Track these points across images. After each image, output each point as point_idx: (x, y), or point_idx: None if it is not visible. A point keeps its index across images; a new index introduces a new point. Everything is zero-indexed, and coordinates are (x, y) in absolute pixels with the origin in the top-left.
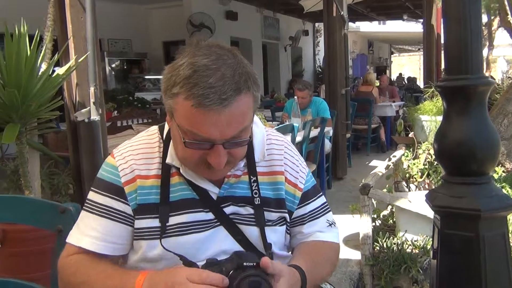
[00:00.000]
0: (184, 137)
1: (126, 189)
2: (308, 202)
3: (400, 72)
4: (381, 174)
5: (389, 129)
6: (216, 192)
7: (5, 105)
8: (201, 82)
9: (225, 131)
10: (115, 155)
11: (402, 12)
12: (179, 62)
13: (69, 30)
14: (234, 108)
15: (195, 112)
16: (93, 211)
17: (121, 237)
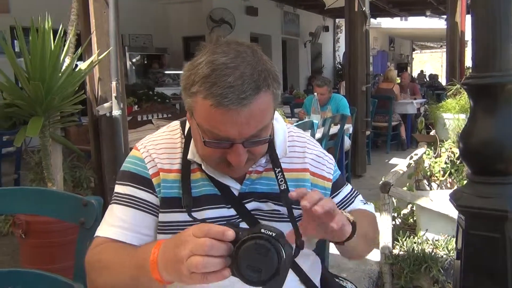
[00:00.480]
0: (204, 136)
1: (154, 181)
2: (339, 191)
3: (421, 69)
4: (402, 172)
5: (410, 127)
6: (238, 188)
7: (29, 98)
8: (220, 81)
9: (244, 130)
10: (139, 148)
11: (424, 8)
12: (198, 60)
13: (92, 24)
14: (254, 107)
15: (214, 111)
16: (120, 202)
17: (148, 227)
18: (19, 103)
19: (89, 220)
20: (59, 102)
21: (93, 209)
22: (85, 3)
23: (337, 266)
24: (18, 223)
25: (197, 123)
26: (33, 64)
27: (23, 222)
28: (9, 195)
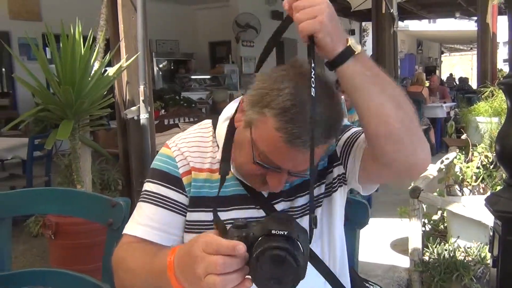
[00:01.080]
0: (255, 155)
1: (184, 180)
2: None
3: (450, 72)
4: (432, 177)
5: (439, 131)
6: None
7: (60, 102)
8: (298, 120)
9: (299, 167)
10: (171, 146)
11: (454, 9)
12: (280, 84)
13: (121, 30)
14: (317, 153)
15: (281, 145)
16: (149, 201)
17: (176, 227)
18: (51, 107)
19: (117, 221)
20: (88, 105)
21: (121, 210)
22: (114, 9)
23: (365, 273)
24: (48, 224)
25: (254, 139)
26: (64, 69)
27: (52, 224)
28: (39, 196)
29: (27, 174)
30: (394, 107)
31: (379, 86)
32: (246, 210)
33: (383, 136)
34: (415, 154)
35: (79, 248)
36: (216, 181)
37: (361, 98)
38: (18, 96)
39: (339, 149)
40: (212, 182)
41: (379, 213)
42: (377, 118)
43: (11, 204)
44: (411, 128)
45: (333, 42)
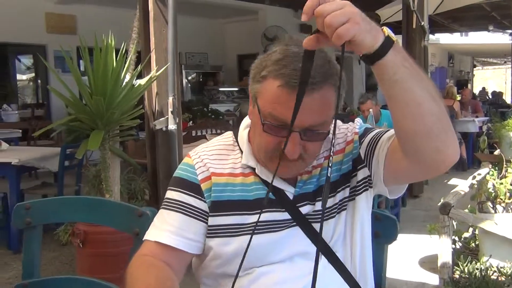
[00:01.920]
0: (264, 119)
1: (202, 186)
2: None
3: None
4: (463, 193)
5: (471, 146)
6: (292, 191)
7: (91, 113)
8: (291, 64)
9: (304, 117)
10: (192, 155)
11: (487, 22)
12: (270, 51)
13: (152, 42)
14: (318, 95)
15: (280, 92)
16: (170, 208)
17: (196, 233)
18: (82, 117)
19: (143, 231)
20: (119, 116)
21: (147, 220)
22: (146, 23)
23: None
24: (77, 233)
25: (260, 107)
26: (96, 80)
27: (81, 232)
28: (69, 204)
29: (58, 183)
30: (432, 101)
31: (417, 78)
32: (271, 213)
33: (422, 132)
34: (448, 149)
35: (106, 256)
36: (238, 185)
37: (400, 92)
38: (52, 107)
39: (363, 151)
40: (234, 185)
41: (407, 229)
42: (416, 113)
43: (42, 212)
44: (446, 123)
45: (372, 38)
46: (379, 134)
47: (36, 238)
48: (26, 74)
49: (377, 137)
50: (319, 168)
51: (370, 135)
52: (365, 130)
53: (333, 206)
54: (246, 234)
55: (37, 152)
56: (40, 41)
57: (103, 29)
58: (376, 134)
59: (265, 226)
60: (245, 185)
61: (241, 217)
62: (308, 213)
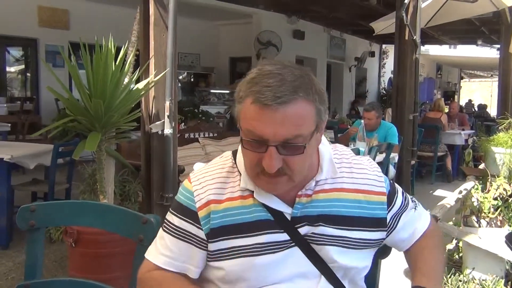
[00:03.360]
0: (243, 136)
1: (199, 213)
2: (394, 202)
3: (469, 98)
4: (449, 206)
5: (457, 158)
6: (290, 212)
7: (90, 115)
8: (261, 81)
9: (278, 130)
10: (192, 179)
11: (476, 36)
12: (247, 74)
13: (151, 47)
14: (290, 109)
15: (253, 108)
16: (169, 232)
17: (194, 259)
18: (80, 118)
19: (147, 238)
20: (117, 119)
21: (151, 227)
22: (146, 27)
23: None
24: (70, 232)
25: (241, 127)
26: (95, 82)
27: (74, 232)
28: (74, 208)
29: (50, 181)
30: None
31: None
32: (272, 235)
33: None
34: None
35: (98, 257)
36: (236, 208)
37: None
38: (41, 101)
39: (389, 217)
40: (233, 209)
41: None
42: None
43: (47, 215)
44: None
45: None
46: (402, 209)
47: (39, 240)
48: (14, 66)
49: (401, 212)
50: (322, 193)
51: (397, 203)
52: (390, 193)
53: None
54: (247, 256)
55: (30, 149)
56: (32, 34)
57: (95, 25)
58: (400, 208)
59: (265, 247)
60: (244, 207)
61: (242, 240)
62: (306, 234)
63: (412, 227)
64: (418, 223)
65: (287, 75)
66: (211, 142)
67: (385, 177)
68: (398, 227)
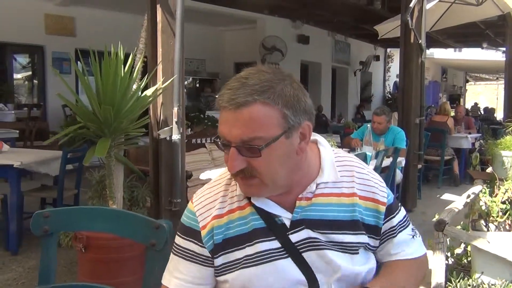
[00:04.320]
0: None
1: (202, 232)
2: (393, 216)
3: (475, 101)
4: (457, 211)
5: (464, 162)
6: (289, 217)
7: (99, 121)
8: (226, 86)
9: (232, 131)
10: (194, 201)
11: (481, 39)
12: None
13: (159, 54)
14: (244, 112)
15: (220, 112)
16: (178, 254)
17: (204, 278)
18: (90, 125)
19: (159, 243)
20: (126, 125)
21: (164, 232)
22: (153, 34)
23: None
24: (79, 237)
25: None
26: (105, 89)
27: (83, 237)
28: (87, 214)
29: (59, 187)
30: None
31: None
32: (270, 242)
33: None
34: None
35: (108, 262)
36: (236, 220)
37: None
38: (48, 108)
39: (385, 229)
40: (233, 221)
41: None
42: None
43: (60, 221)
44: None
45: None
46: (399, 227)
47: (52, 245)
48: (21, 73)
49: (397, 230)
50: (321, 197)
51: (396, 219)
52: (391, 206)
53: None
54: (246, 267)
55: (39, 155)
56: (39, 41)
57: (101, 32)
58: (398, 224)
59: (261, 256)
60: (242, 218)
61: (241, 251)
62: (307, 238)
63: (402, 248)
64: (409, 249)
65: (252, 79)
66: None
67: (389, 191)
68: (390, 241)
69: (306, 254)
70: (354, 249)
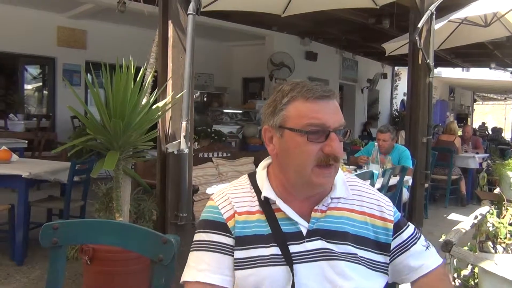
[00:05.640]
0: (306, 131)
1: (228, 224)
2: (401, 231)
3: (483, 121)
4: (465, 231)
5: (471, 182)
6: (306, 226)
7: (109, 134)
8: (307, 85)
9: (334, 117)
10: (214, 198)
11: (489, 60)
12: (278, 89)
13: (169, 69)
14: (335, 101)
15: (309, 104)
16: (203, 249)
17: (228, 268)
18: (100, 137)
19: (167, 257)
20: (135, 138)
21: (171, 247)
22: (164, 48)
23: None
24: (85, 249)
25: (293, 127)
26: (115, 102)
27: (90, 249)
28: (96, 227)
29: (66, 198)
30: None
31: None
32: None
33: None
34: None
35: (113, 275)
36: (253, 221)
37: None
38: (57, 119)
39: (394, 246)
40: (251, 222)
41: None
42: None
43: (69, 233)
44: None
45: None
46: (409, 242)
47: (61, 257)
48: (31, 84)
49: (409, 243)
50: (335, 211)
51: (405, 234)
52: (399, 223)
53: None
54: (261, 266)
55: (47, 166)
56: (50, 53)
57: (111, 45)
58: (407, 240)
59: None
60: (261, 221)
61: (258, 250)
62: (321, 248)
63: (421, 261)
64: (428, 261)
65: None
66: (225, 162)
67: (395, 209)
68: (404, 254)
69: (318, 263)
70: (363, 262)
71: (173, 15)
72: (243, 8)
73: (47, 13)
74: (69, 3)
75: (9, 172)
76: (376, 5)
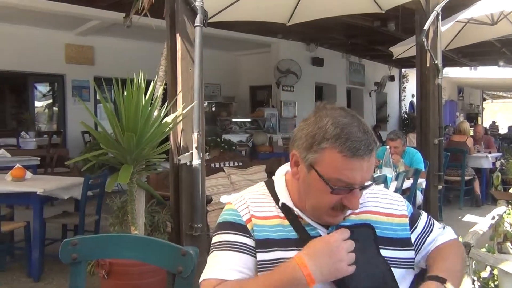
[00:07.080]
0: (332, 184)
1: (248, 226)
2: (417, 223)
3: (493, 119)
4: (482, 233)
5: (485, 182)
6: (325, 231)
7: (122, 148)
8: (352, 137)
9: (365, 175)
10: (233, 202)
11: (497, 58)
12: (320, 121)
13: (179, 81)
14: (372, 158)
15: (347, 161)
16: (225, 249)
17: (248, 267)
18: (113, 152)
19: (186, 269)
20: (148, 152)
21: (191, 259)
22: (173, 61)
23: None
24: (102, 264)
25: (322, 174)
26: (127, 116)
27: (106, 263)
28: (115, 242)
29: (80, 213)
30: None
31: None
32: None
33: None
34: None
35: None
36: (273, 226)
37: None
38: (68, 135)
39: (414, 238)
40: (273, 226)
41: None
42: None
43: (88, 248)
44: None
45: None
46: (427, 229)
47: (81, 273)
48: (41, 101)
49: (426, 232)
50: (353, 215)
51: (421, 224)
52: (413, 216)
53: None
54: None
55: (61, 182)
56: (59, 70)
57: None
58: (425, 228)
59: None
60: (284, 225)
61: (287, 253)
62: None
63: (437, 237)
64: (443, 236)
65: (362, 125)
66: (236, 171)
67: (407, 203)
68: (426, 242)
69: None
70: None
71: (180, 28)
72: (248, 18)
73: (55, 31)
74: (76, 21)
75: (25, 190)
76: (381, 10)
